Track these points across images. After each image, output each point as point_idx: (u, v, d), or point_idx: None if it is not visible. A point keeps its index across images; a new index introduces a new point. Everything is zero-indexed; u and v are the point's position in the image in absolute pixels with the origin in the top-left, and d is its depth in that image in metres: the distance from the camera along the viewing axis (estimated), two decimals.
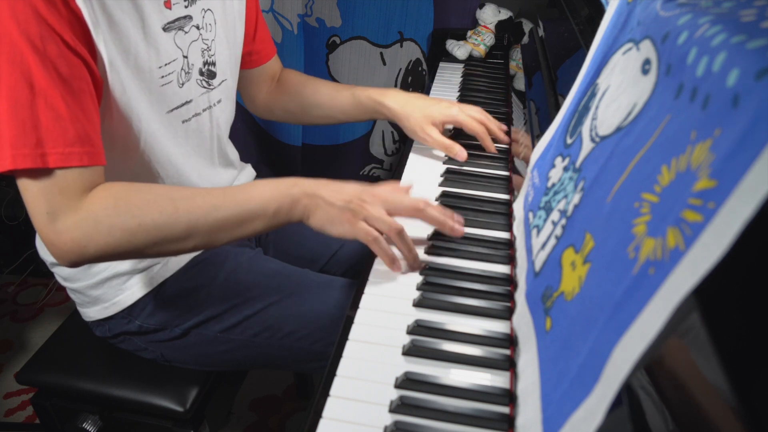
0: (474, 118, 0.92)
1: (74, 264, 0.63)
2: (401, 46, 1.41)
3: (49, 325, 1.62)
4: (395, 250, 0.68)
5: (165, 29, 0.69)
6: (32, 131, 0.57)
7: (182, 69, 0.74)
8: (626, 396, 0.38)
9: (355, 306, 0.63)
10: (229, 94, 0.88)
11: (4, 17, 0.55)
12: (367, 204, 0.66)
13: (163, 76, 0.71)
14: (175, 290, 0.82)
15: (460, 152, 0.90)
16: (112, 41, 0.63)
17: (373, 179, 1.63)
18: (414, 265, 0.69)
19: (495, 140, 0.94)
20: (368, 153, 1.59)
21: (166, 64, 0.71)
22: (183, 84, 0.75)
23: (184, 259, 0.83)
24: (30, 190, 0.60)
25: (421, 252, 0.72)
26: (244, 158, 1.02)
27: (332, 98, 0.97)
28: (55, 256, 0.62)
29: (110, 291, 0.80)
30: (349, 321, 0.61)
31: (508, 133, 1.01)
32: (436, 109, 0.91)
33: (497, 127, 0.94)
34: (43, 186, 0.59)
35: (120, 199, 0.62)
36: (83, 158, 0.61)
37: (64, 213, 0.60)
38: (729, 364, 0.30)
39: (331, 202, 0.66)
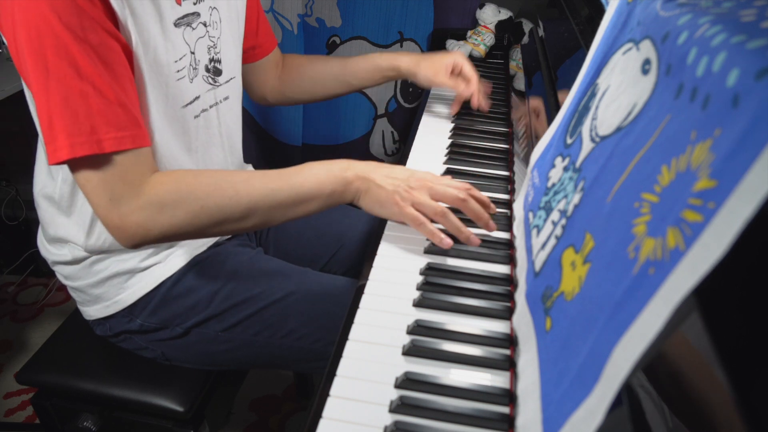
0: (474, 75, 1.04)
1: (138, 246, 0.66)
2: (401, 46, 1.41)
3: (49, 325, 1.62)
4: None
5: (176, 24, 0.71)
6: (85, 119, 0.59)
7: (190, 65, 0.74)
8: (626, 396, 0.38)
9: (355, 306, 0.63)
10: (237, 92, 0.88)
11: (44, 11, 0.56)
12: (414, 190, 0.70)
13: (178, 71, 0.72)
14: (176, 289, 0.82)
15: (466, 90, 1.02)
16: (136, 33, 0.65)
17: None
18: (467, 240, 0.71)
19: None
20: (368, 153, 1.59)
21: (179, 59, 0.72)
22: (192, 80, 0.75)
23: (185, 258, 0.83)
24: (90, 179, 0.62)
25: (421, 252, 0.72)
26: (244, 158, 1.02)
27: (345, 67, 1.03)
28: (119, 240, 0.65)
29: (111, 290, 0.80)
30: (349, 321, 0.61)
31: (505, 135, 1.02)
32: (443, 56, 1.04)
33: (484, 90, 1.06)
34: (102, 173, 0.62)
35: (182, 183, 0.65)
36: (136, 140, 0.63)
37: (127, 198, 0.63)
38: (729, 364, 0.30)
39: (381, 185, 0.70)
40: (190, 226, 0.65)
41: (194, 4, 0.73)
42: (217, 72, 0.81)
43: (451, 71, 1.03)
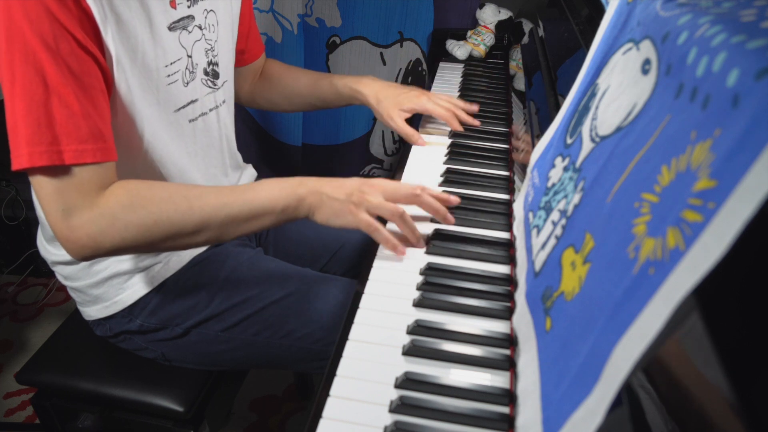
0: (441, 106, 0.98)
1: (88, 258, 0.65)
2: (401, 46, 1.41)
3: (49, 325, 1.62)
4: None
5: (170, 28, 0.70)
6: (47, 129, 0.58)
7: (186, 68, 0.74)
8: (626, 396, 0.38)
9: (355, 306, 0.63)
10: (231, 95, 0.89)
11: (16, 17, 0.56)
12: (367, 195, 0.70)
13: (169, 75, 0.71)
14: (176, 289, 0.82)
15: (419, 140, 0.97)
16: (120, 40, 0.64)
17: None
18: (418, 245, 0.73)
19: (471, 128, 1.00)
20: (368, 153, 1.59)
21: (172, 63, 0.71)
22: (188, 83, 0.75)
23: (185, 258, 0.83)
24: (45, 187, 0.61)
25: (421, 252, 0.72)
26: (244, 158, 1.02)
27: (312, 87, 1.01)
28: (69, 252, 0.64)
29: (111, 290, 0.80)
30: (349, 321, 0.61)
31: (505, 135, 1.02)
32: (405, 98, 0.97)
33: (465, 112, 1.00)
34: (58, 183, 0.61)
35: (135, 196, 0.64)
36: (97, 155, 0.62)
37: (79, 209, 0.61)
38: (729, 364, 0.30)
39: (334, 197, 0.69)
40: (143, 239, 0.64)
41: (188, 7, 0.73)
42: (216, 75, 0.81)
43: (410, 114, 0.98)
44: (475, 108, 1.02)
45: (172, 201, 0.65)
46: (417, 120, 1.09)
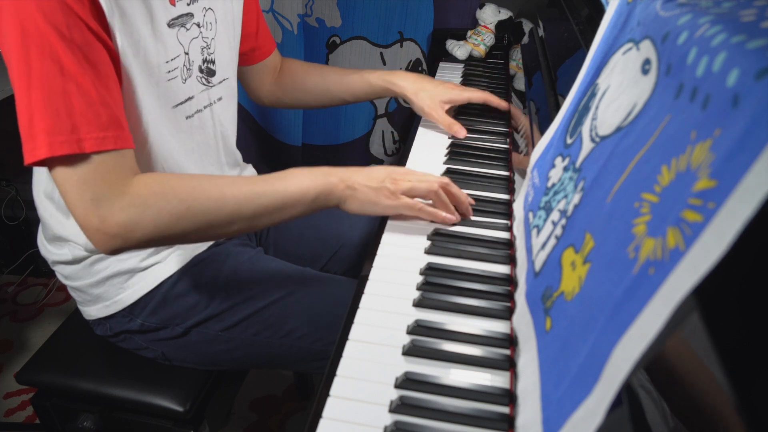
0: (477, 91, 1.03)
1: (117, 251, 0.64)
2: (401, 46, 1.41)
3: (49, 325, 1.62)
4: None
5: (169, 25, 0.70)
6: (66, 117, 0.58)
7: (184, 65, 0.74)
8: (626, 396, 0.38)
9: (355, 306, 0.63)
10: (231, 93, 0.88)
11: (30, 8, 0.56)
12: (399, 180, 0.72)
13: (169, 71, 0.72)
14: (176, 289, 0.82)
15: (460, 130, 0.98)
16: (124, 33, 0.64)
17: None
18: (467, 214, 0.77)
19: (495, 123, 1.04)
20: (368, 153, 1.59)
21: (172, 60, 0.72)
22: (185, 80, 0.75)
23: (185, 258, 0.83)
24: (69, 179, 0.60)
25: (421, 252, 0.72)
26: (244, 158, 1.02)
27: (341, 81, 1.02)
28: (97, 244, 0.62)
29: (111, 289, 0.80)
30: (349, 321, 0.61)
31: (505, 135, 1.02)
32: (442, 90, 1.00)
33: (497, 99, 1.05)
34: (83, 173, 0.60)
35: (167, 185, 0.64)
36: (117, 142, 0.62)
37: (109, 198, 0.61)
38: (729, 363, 0.30)
39: (367, 185, 0.71)
40: (176, 228, 0.64)
41: (188, 4, 0.73)
42: (211, 73, 0.81)
43: (448, 107, 1.01)
44: (504, 104, 1.06)
45: (203, 189, 0.65)
46: (417, 120, 1.09)
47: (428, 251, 0.72)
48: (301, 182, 0.69)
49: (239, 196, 0.66)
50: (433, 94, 0.99)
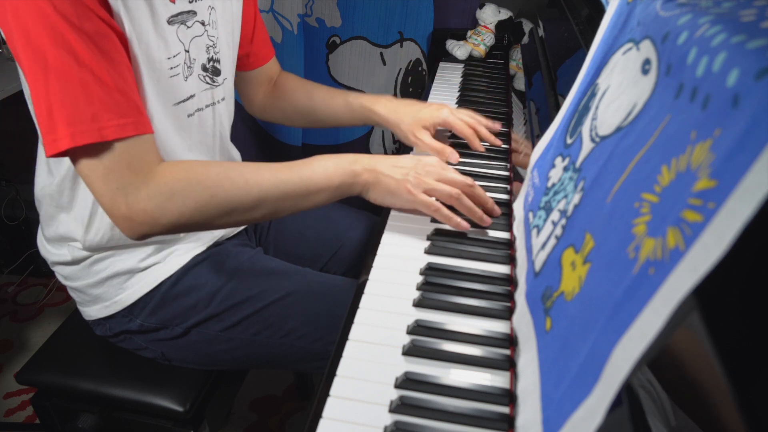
0: (463, 120, 0.90)
1: (144, 236, 0.65)
2: (401, 46, 1.41)
3: (49, 325, 1.62)
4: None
5: (170, 22, 0.70)
6: (86, 107, 0.59)
7: (185, 63, 0.74)
8: (626, 396, 0.38)
9: (355, 306, 0.63)
10: (231, 93, 0.88)
11: (39, 3, 0.56)
12: (424, 176, 0.71)
13: (171, 68, 0.72)
14: (175, 289, 0.82)
15: (452, 155, 0.86)
16: (129, 26, 0.64)
17: None
18: (483, 222, 0.74)
19: (485, 141, 0.93)
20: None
21: (173, 56, 0.72)
22: (187, 78, 0.75)
23: (185, 258, 0.83)
24: (95, 169, 0.61)
25: (421, 252, 0.72)
26: (244, 158, 1.02)
27: (326, 104, 0.98)
28: (125, 230, 0.64)
29: (111, 290, 0.80)
30: (349, 321, 0.61)
31: (506, 135, 1.01)
32: (426, 113, 0.90)
33: (487, 129, 0.92)
34: (108, 162, 0.61)
35: (192, 172, 0.65)
36: (139, 127, 0.63)
37: (135, 186, 0.62)
38: (729, 364, 0.30)
39: (390, 175, 0.71)
40: (200, 215, 0.65)
41: (190, 2, 0.73)
42: (216, 72, 0.81)
43: (434, 131, 0.90)
44: (497, 126, 0.94)
45: (228, 176, 0.66)
46: None
47: (428, 251, 0.72)
48: (325, 169, 0.69)
49: (263, 183, 0.67)
50: (416, 120, 0.89)
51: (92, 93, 0.59)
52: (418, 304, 0.63)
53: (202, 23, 0.76)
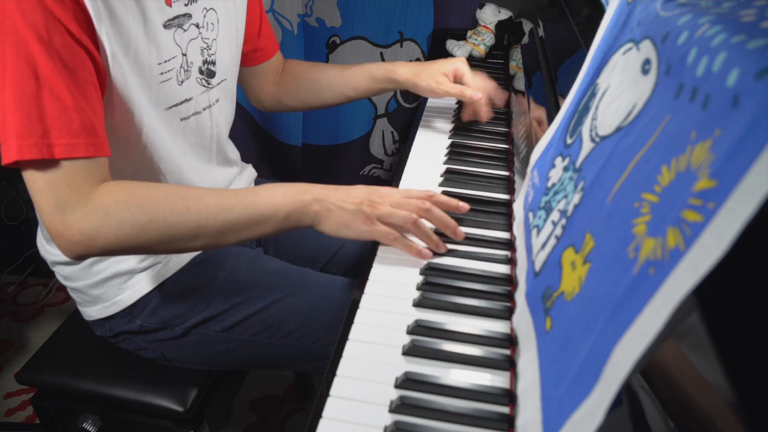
0: (477, 81, 0.98)
1: (80, 257, 0.63)
2: (401, 46, 1.41)
3: (49, 325, 1.62)
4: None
5: (165, 26, 0.70)
6: (38, 122, 0.58)
7: (181, 66, 0.74)
8: (626, 396, 0.38)
9: (355, 306, 0.63)
10: (228, 94, 0.88)
11: (9, 9, 0.55)
12: (378, 204, 0.68)
13: (162, 73, 0.71)
14: (175, 289, 0.82)
15: (474, 94, 0.94)
16: (113, 35, 0.63)
17: (373, 179, 1.63)
18: (438, 249, 0.71)
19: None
20: (368, 153, 1.59)
21: (166, 61, 0.71)
22: (182, 82, 0.75)
23: (185, 258, 0.83)
24: (37, 182, 0.60)
25: None
26: (244, 158, 1.02)
27: (342, 76, 1.00)
28: (61, 249, 0.62)
29: (111, 290, 0.80)
30: (349, 321, 0.61)
31: (506, 135, 1.02)
32: (443, 62, 0.98)
33: (497, 95, 1.01)
34: (50, 177, 0.59)
35: (132, 195, 0.63)
36: (89, 149, 0.61)
37: (72, 205, 0.60)
38: (729, 364, 0.30)
39: (342, 207, 0.68)
40: (138, 239, 0.62)
41: (185, 5, 0.72)
42: (211, 74, 0.80)
43: (453, 78, 0.98)
44: (504, 95, 1.03)
45: (168, 201, 0.63)
46: (417, 120, 1.09)
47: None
48: (272, 198, 0.66)
49: (204, 210, 0.64)
50: (435, 69, 0.96)
51: (46, 109, 0.58)
52: (418, 304, 0.63)
53: (197, 26, 0.75)
